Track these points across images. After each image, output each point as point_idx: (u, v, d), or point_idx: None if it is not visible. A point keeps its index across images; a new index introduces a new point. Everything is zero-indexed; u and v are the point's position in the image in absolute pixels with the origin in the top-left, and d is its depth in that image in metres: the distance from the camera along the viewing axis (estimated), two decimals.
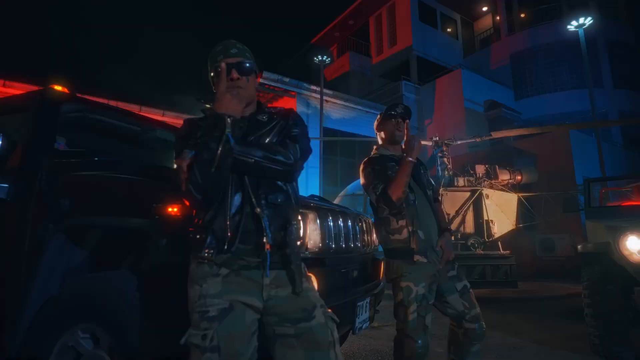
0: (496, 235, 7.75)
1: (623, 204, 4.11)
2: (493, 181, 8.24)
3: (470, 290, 1.99)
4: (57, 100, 2.11)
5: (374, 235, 2.61)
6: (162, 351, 1.33)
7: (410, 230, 1.89)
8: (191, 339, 1.09)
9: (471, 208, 7.83)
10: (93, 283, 1.56)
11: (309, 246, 1.70)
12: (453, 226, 7.79)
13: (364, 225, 2.35)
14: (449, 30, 18.30)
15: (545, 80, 14.66)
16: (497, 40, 16.89)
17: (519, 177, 8.58)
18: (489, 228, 7.64)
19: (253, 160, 1.15)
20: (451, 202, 7.84)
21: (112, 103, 10.60)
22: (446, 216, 7.72)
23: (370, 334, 3.89)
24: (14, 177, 1.84)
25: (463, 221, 7.81)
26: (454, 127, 12.83)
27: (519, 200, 8.29)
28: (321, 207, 1.87)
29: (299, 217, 1.33)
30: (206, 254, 1.12)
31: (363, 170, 2.08)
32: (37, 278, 1.65)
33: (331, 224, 1.84)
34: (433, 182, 2.22)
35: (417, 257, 1.86)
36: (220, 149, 1.08)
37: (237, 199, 1.18)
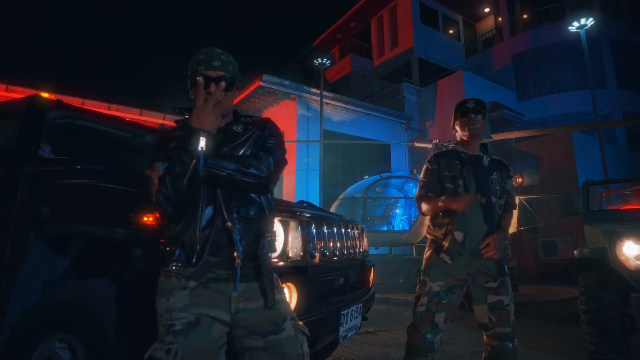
0: None
1: (622, 208, 4.05)
2: None
3: (507, 308, 1.88)
4: (43, 107, 2.11)
5: (364, 241, 2.59)
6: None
7: (449, 229, 1.90)
8: (155, 353, 1.07)
9: None
10: (70, 292, 1.55)
11: (290, 255, 1.68)
12: None
13: (352, 231, 2.33)
14: (450, 31, 18.23)
15: (548, 81, 14.56)
16: (499, 41, 16.80)
17: (520, 180, 8.50)
18: None
19: (225, 173, 1.14)
20: None
21: (113, 107, 10.67)
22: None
23: (365, 339, 3.87)
24: None
25: None
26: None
27: (520, 202, 8.22)
28: (304, 214, 1.85)
29: (274, 229, 1.30)
30: (174, 267, 1.11)
31: (425, 163, 2.14)
32: (18, 287, 1.65)
33: (314, 231, 1.82)
34: (509, 190, 2.06)
35: (442, 255, 1.89)
36: (192, 164, 1.07)
37: (208, 212, 1.16)
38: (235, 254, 1.13)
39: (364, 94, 16.65)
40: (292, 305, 1.59)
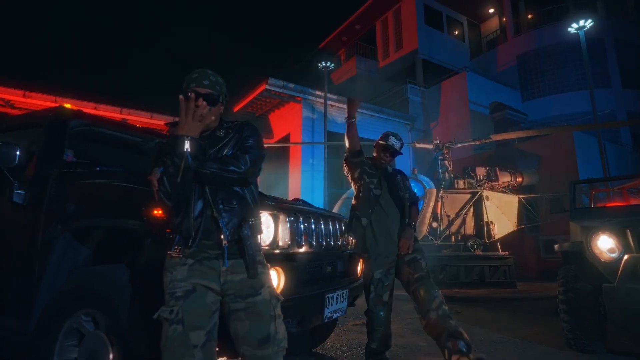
0: (497, 237, 7.86)
1: (607, 205, 4.22)
2: (494, 183, 8.34)
3: (420, 260, 2.53)
4: (66, 117, 2.40)
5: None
6: (147, 330, 1.58)
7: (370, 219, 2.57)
8: (162, 314, 1.35)
9: (471, 210, 7.96)
10: (94, 275, 1.83)
11: (279, 243, 1.94)
12: (453, 228, 7.93)
13: (340, 226, 2.58)
14: (455, 32, 18.35)
15: (552, 81, 14.59)
16: (503, 42, 16.87)
17: (520, 179, 8.66)
18: (489, 229, 7.76)
19: (209, 171, 1.39)
20: (451, 204, 7.98)
21: (125, 111, 11.06)
22: (447, 218, 7.87)
23: (361, 329, 4.09)
24: (29, 184, 2.14)
25: (463, 223, 7.94)
26: (459, 130, 12.91)
27: (520, 201, 8.37)
28: (293, 209, 2.11)
29: (258, 215, 1.56)
30: (176, 250, 1.38)
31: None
32: (48, 271, 1.94)
33: (302, 224, 2.08)
34: (410, 187, 2.79)
35: (372, 250, 2.53)
36: (182, 163, 1.32)
37: (199, 205, 1.43)
38: (222, 237, 1.40)
39: (369, 96, 16.85)
40: (280, 286, 1.85)
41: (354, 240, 2.62)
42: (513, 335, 3.83)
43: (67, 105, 2.49)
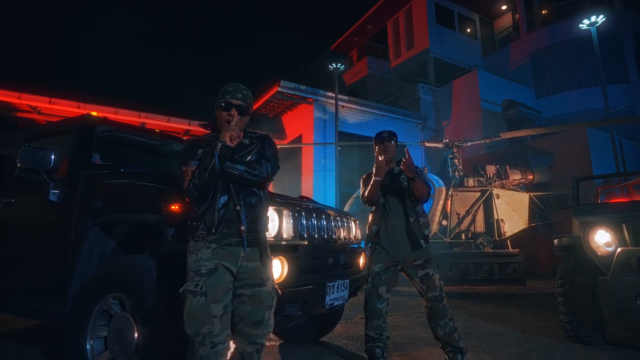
0: (507, 234, 7.89)
1: (611, 201, 4.28)
2: (504, 181, 8.37)
3: (433, 277, 2.52)
4: (93, 124, 2.67)
5: (355, 230, 3.03)
6: (168, 310, 1.80)
7: (380, 225, 2.62)
8: (187, 288, 1.57)
9: (481, 208, 8.02)
10: (120, 263, 2.07)
11: (283, 236, 2.14)
12: (463, 225, 8.01)
13: (342, 221, 2.77)
14: (468, 30, 18.25)
15: (567, 77, 14.37)
16: (516, 38, 16.70)
17: (531, 177, 8.66)
18: (499, 227, 7.80)
19: (238, 173, 1.68)
20: (461, 202, 8.06)
21: (143, 115, 11.49)
22: (457, 216, 7.95)
23: None
24: (62, 184, 2.40)
25: (473, 221, 8.01)
26: (471, 128, 12.90)
27: (531, 199, 8.36)
28: (297, 205, 2.31)
29: (269, 213, 1.81)
30: (200, 234, 1.62)
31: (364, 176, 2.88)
32: (80, 261, 2.20)
33: (304, 219, 2.28)
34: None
35: (376, 245, 2.63)
36: (211, 163, 1.59)
37: (223, 199, 1.68)
38: (242, 227, 1.64)
39: (381, 96, 16.96)
40: (284, 275, 2.05)
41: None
42: (515, 328, 3.94)
43: (94, 113, 2.76)
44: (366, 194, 2.63)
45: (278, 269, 2.02)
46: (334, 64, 11.22)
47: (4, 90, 10.10)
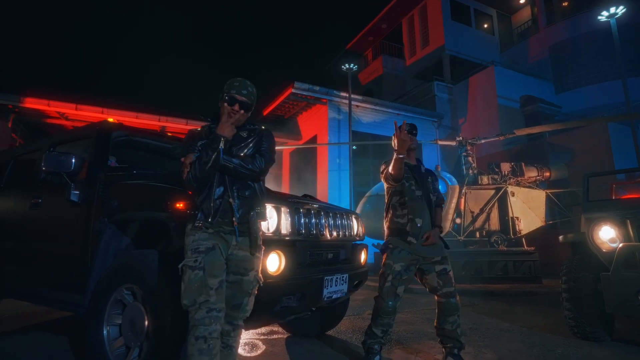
0: (523, 232, 7.78)
1: (622, 197, 4.21)
2: (519, 178, 8.25)
3: (450, 273, 2.56)
4: (110, 129, 2.88)
5: (358, 227, 3.13)
6: (174, 300, 1.96)
7: (410, 217, 2.56)
8: (186, 263, 1.70)
9: (496, 205, 7.94)
10: (132, 257, 2.25)
11: (282, 231, 2.27)
12: (477, 223, 7.95)
13: (343, 219, 2.88)
14: (485, 26, 17.95)
15: (588, 71, 13.93)
16: (535, 32, 16.30)
17: (547, 174, 8.50)
18: (514, 225, 7.71)
19: (232, 166, 1.79)
20: (475, 200, 8.00)
21: (163, 119, 11.90)
22: (470, 214, 7.91)
23: None
24: (82, 186, 2.62)
25: (487, 219, 7.94)
26: (488, 125, 12.72)
27: (548, 196, 8.21)
28: (295, 203, 2.44)
29: (267, 210, 1.94)
30: (198, 223, 1.75)
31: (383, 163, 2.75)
32: (98, 255, 2.40)
33: (302, 216, 2.40)
34: (439, 190, 2.80)
35: (410, 239, 2.52)
36: (213, 156, 1.72)
37: (218, 190, 1.80)
38: (234, 218, 1.77)
39: (396, 94, 16.91)
40: (280, 268, 2.18)
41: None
42: (522, 325, 3.95)
43: (110, 120, 2.97)
44: (391, 170, 2.48)
45: (275, 262, 2.15)
46: (346, 65, 11.30)
47: (35, 99, 10.70)
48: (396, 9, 18.29)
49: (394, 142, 2.45)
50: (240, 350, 3.03)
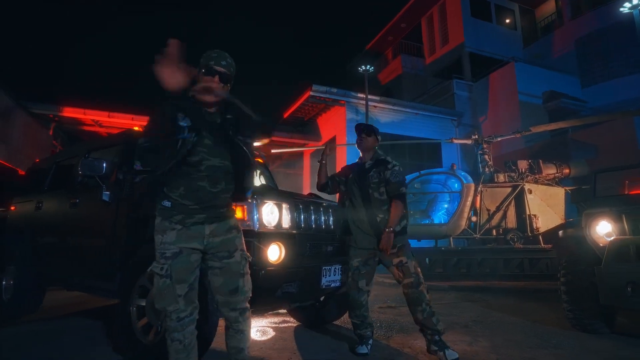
0: (541, 230, 7.72)
1: (630, 193, 4.22)
2: (537, 176, 8.18)
3: (407, 264, 2.62)
4: (135, 137, 3.25)
5: None
6: None
7: (352, 219, 2.76)
8: (154, 269, 1.69)
9: (512, 203, 7.91)
10: (152, 248, 2.58)
11: (283, 225, 2.54)
12: (494, 221, 7.95)
13: None
14: (507, 21, 17.61)
15: (616, 63, 13.43)
16: (560, 26, 15.86)
17: (567, 171, 8.37)
18: (531, 223, 7.66)
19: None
20: (491, 198, 8.01)
21: None
22: (487, 212, 7.93)
23: (384, 311, 4.57)
24: (112, 187, 2.99)
25: (504, 217, 7.92)
26: (509, 123, 12.54)
27: (567, 193, 8.09)
28: (296, 200, 2.71)
29: (269, 207, 2.23)
30: (168, 213, 1.71)
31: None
32: (125, 248, 2.76)
33: (302, 212, 2.67)
34: (392, 179, 2.68)
35: (350, 240, 2.77)
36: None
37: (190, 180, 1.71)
38: (209, 204, 1.71)
39: (415, 93, 16.89)
40: (281, 258, 2.45)
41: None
42: (527, 319, 4.03)
43: (136, 128, 3.34)
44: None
45: (276, 252, 2.43)
46: (363, 67, 11.49)
47: (72, 108, 11.53)
48: (415, 8, 18.27)
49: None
50: (252, 334, 3.34)
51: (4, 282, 3.93)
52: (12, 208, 4.36)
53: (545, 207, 7.88)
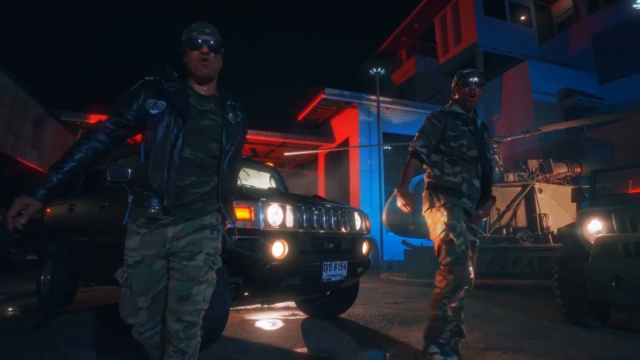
0: (552, 229, 7.74)
1: (629, 192, 4.32)
2: (548, 175, 8.20)
3: (476, 247, 2.46)
4: None
5: (361, 222, 3.61)
6: None
7: (464, 176, 2.31)
8: (117, 276, 1.51)
9: (522, 203, 7.97)
10: None
11: (286, 225, 2.83)
12: (504, 221, 8.03)
13: (346, 216, 3.38)
14: (522, 18, 17.42)
15: (635, 59, 13.16)
16: (576, 21, 15.60)
17: (579, 169, 8.35)
18: (542, 221, 7.70)
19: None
20: (501, 197, 8.08)
21: None
22: (496, 211, 8.03)
23: (389, 306, 4.81)
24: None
25: (514, 216, 7.98)
26: (523, 121, 12.48)
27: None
28: (298, 201, 2.99)
29: (274, 209, 2.51)
30: (139, 211, 1.52)
31: (427, 119, 2.45)
32: None
33: (305, 213, 2.95)
34: (492, 147, 2.71)
35: (464, 200, 2.29)
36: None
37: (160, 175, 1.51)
38: (174, 202, 1.47)
39: (429, 94, 16.93)
40: (284, 254, 2.73)
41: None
42: (526, 315, 4.19)
43: None
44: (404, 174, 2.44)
45: (280, 249, 2.72)
46: (374, 69, 11.69)
47: (98, 115, 12.16)
48: (428, 7, 18.28)
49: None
50: (263, 325, 3.65)
51: (42, 278, 4.38)
52: (48, 210, 4.82)
53: (556, 206, 7.90)
